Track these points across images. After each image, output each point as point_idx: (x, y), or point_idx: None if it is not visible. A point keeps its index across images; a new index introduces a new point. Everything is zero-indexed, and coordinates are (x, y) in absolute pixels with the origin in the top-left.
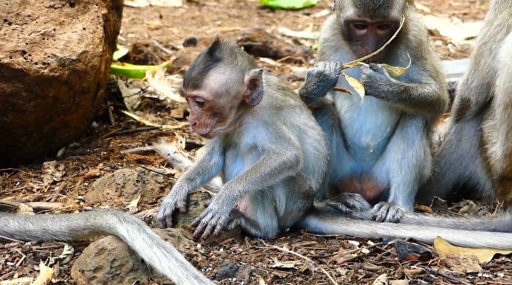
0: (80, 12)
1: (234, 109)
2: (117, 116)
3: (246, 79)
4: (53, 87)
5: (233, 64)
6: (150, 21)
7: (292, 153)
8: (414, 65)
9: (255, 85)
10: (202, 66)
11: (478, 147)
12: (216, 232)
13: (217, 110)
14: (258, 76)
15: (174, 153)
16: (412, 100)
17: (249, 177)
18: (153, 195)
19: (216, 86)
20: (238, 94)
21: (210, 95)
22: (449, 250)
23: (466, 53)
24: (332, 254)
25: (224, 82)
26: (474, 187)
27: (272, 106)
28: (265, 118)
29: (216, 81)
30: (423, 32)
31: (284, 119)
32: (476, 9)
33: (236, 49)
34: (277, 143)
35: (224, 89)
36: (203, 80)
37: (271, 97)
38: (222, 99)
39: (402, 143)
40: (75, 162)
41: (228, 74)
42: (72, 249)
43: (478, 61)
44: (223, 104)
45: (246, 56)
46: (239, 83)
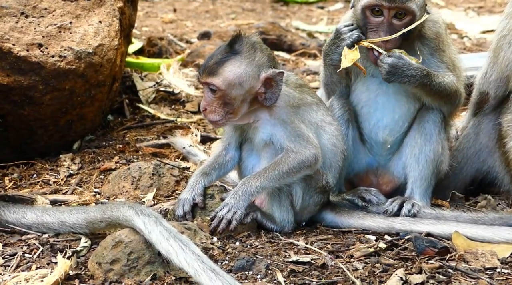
0: (96, 5)
1: (246, 103)
2: (132, 109)
3: (262, 76)
4: (69, 80)
5: (250, 59)
6: (164, 15)
7: (311, 152)
8: (432, 57)
9: (271, 85)
10: (220, 56)
11: (496, 141)
12: (232, 227)
13: (228, 101)
14: (276, 77)
15: (189, 147)
16: (433, 87)
17: (267, 174)
18: (169, 188)
19: (230, 77)
20: (252, 89)
21: (223, 84)
22: (467, 245)
23: (481, 47)
24: (348, 248)
25: (239, 75)
26: (492, 181)
27: (290, 105)
28: (282, 117)
29: (231, 72)
30: (441, 25)
31: (301, 117)
32: (492, 2)
33: (258, 45)
34: (295, 142)
35: (238, 82)
36: (219, 69)
37: (289, 96)
38: (234, 90)
39: (420, 138)
40: (90, 155)
41: (243, 67)
42: (89, 242)
43: (497, 54)
44: (235, 96)
45: (267, 53)
46: (254, 79)
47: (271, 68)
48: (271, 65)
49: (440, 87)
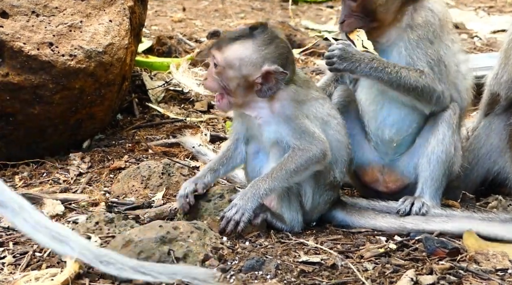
0: (106, 4)
1: (241, 88)
2: (142, 109)
3: (263, 68)
4: (79, 79)
5: (261, 49)
6: (174, 14)
7: (317, 148)
8: (417, 47)
9: (270, 80)
10: (235, 34)
11: (507, 142)
12: (240, 229)
13: (225, 79)
14: (277, 74)
15: (199, 146)
16: (391, 79)
17: (275, 174)
18: (178, 188)
19: (231, 56)
20: (249, 76)
21: (223, 61)
22: (478, 246)
23: (492, 47)
24: (358, 249)
25: (241, 57)
26: (503, 182)
27: (294, 100)
28: (286, 113)
29: (235, 52)
30: (436, 15)
31: (307, 112)
32: (502, 2)
33: (277, 41)
34: (301, 139)
35: (238, 63)
36: (227, 45)
37: (294, 92)
38: (231, 70)
39: (432, 139)
40: (100, 154)
41: (249, 53)
42: (99, 241)
43: (509, 55)
44: (231, 76)
45: (281, 51)
46: (255, 67)
47: (278, 65)
48: (279, 63)
49: (402, 81)
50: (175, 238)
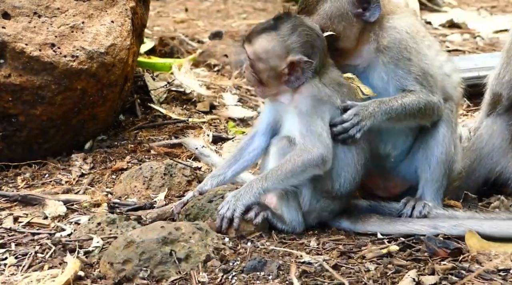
0: (108, 5)
1: (272, 79)
2: (144, 109)
3: (288, 59)
4: (81, 80)
5: (284, 39)
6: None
7: (318, 152)
8: (396, 68)
9: (296, 70)
10: (261, 27)
11: (509, 142)
12: (235, 225)
13: (256, 71)
14: (302, 64)
15: (202, 147)
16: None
17: (270, 174)
18: (180, 188)
19: (258, 50)
20: (276, 67)
21: (252, 54)
22: (480, 246)
23: (494, 47)
24: (360, 249)
25: (266, 50)
26: (505, 182)
27: (314, 97)
28: (301, 107)
29: (261, 45)
30: (401, 31)
31: (322, 113)
32: (505, 1)
33: (300, 29)
34: (306, 137)
35: (264, 56)
36: (254, 39)
37: (316, 88)
38: (260, 63)
39: (432, 140)
40: (102, 155)
41: (273, 44)
42: (101, 242)
43: (511, 55)
44: (261, 68)
45: (304, 40)
46: (280, 59)
47: (303, 54)
48: (304, 52)
49: (408, 109)
50: (177, 239)
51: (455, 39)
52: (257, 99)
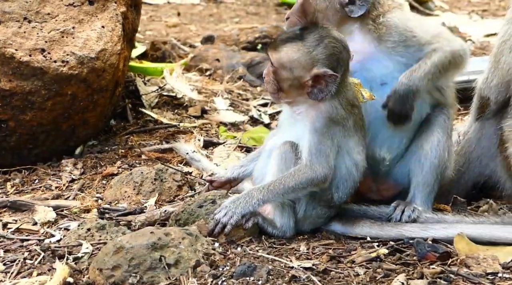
0: (99, 10)
1: (293, 88)
2: (135, 114)
3: (313, 71)
4: (71, 85)
5: (310, 50)
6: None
7: (323, 172)
8: (407, 49)
9: (320, 82)
10: (287, 36)
11: (498, 146)
12: (227, 231)
13: (279, 79)
14: (327, 77)
15: (193, 152)
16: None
17: (272, 187)
18: (171, 193)
19: (284, 59)
20: (300, 78)
21: (276, 62)
22: (469, 250)
23: (485, 50)
24: (350, 254)
25: (292, 60)
26: (494, 186)
27: (330, 117)
28: (316, 124)
29: (286, 54)
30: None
31: (333, 134)
32: (496, 5)
33: (326, 40)
34: (313, 155)
35: (289, 66)
36: (279, 47)
37: (334, 109)
38: (284, 71)
39: (426, 144)
40: (93, 160)
41: (299, 55)
42: (91, 248)
43: (498, 59)
44: (284, 77)
45: (330, 52)
46: (305, 70)
47: (328, 67)
48: (329, 65)
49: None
50: (166, 244)
51: None
52: (249, 104)
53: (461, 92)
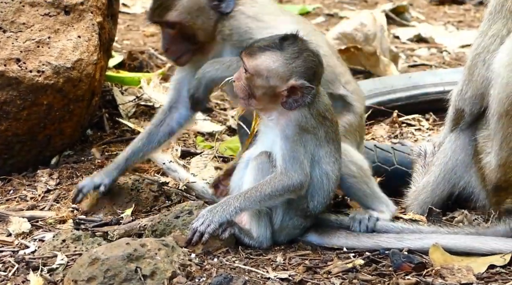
0: (75, 20)
1: (267, 96)
2: (112, 124)
3: (290, 82)
4: (47, 95)
5: (288, 62)
6: (146, 28)
7: (298, 178)
8: None
9: (296, 93)
10: (266, 43)
11: (472, 157)
12: (204, 240)
13: (252, 85)
14: (303, 89)
15: (170, 162)
16: None
17: (249, 194)
18: (148, 204)
19: (261, 67)
20: (276, 88)
21: (252, 69)
22: (444, 260)
23: (461, 61)
24: (326, 264)
25: (269, 68)
26: (468, 196)
27: (300, 126)
28: (287, 132)
29: (264, 63)
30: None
31: (305, 142)
32: (471, 17)
33: (305, 53)
34: (287, 162)
35: (266, 74)
36: (257, 54)
37: (304, 118)
38: (259, 79)
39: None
40: (69, 170)
41: (277, 65)
42: (66, 259)
43: (472, 71)
44: (258, 85)
45: (309, 65)
46: (281, 80)
47: (305, 79)
48: (306, 77)
49: None
50: (142, 256)
51: (422, 54)
52: (226, 114)
53: (437, 102)
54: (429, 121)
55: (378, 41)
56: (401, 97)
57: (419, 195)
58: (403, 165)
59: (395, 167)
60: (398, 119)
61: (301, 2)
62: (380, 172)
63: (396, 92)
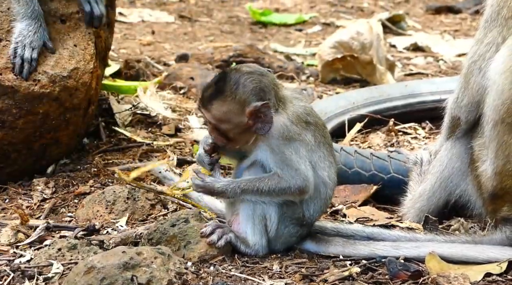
0: (71, 29)
1: (241, 133)
2: (108, 132)
3: (246, 112)
4: (43, 103)
5: (232, 97)
6: (142, 37)
7: (296, 183)
8: None
9: (259, 116)
10: (209, 93)
11: (468, 165)
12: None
13: (222, 132)
14: (261, 109)
15: (166, 171)
16: None
17: (244, 185)
18: (144, 212)
19: (217, 114)
20: (240, 123)
21: (213, 119)
22: (440, 268)
23: (457, 70)
24: (323, 273)
25: (224, 112)
26: (465, 204)
27: (283, 137)
28: (272, 146)
29: (216, 110)
30: None
31: (295, 149)
32: (467, 26)
33: (243, 79)
34: (283, 169)
35: (224, 118)
36: (208, 105)
37: (284, 128)
38: (223, 125)
39: None
40: (65, 179)
41: (227, 106)
42: (61, 268)
43: (468, 79)
44: (226, 129)
45: (251, 87)
46: (239, 114)
47: (257, 100)
48: (257, 98)
49: None
50: (138, 264)
51: (419, 62)
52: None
53: (433, 111)
54: (425, 130)
55: (374, 49)
56: (398, 106)
57: (415, 203)
58: (399, 173)
59: (391, 175)
60: (394, 127)
61: (297, 11)
62: (376, 181)
63: (392, 100)
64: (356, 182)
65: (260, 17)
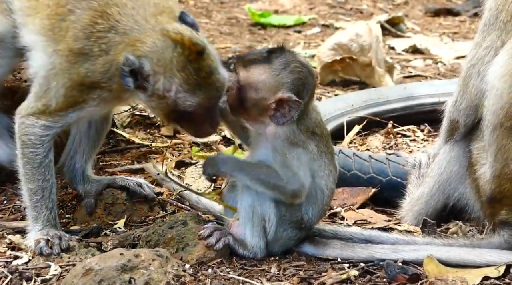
0: None
1: (257, 109)
2: (107, 134)
3: (278, 94)
4: None
5: (275, 74)
6: None
7: (292, 186)
8: None
9: (283, 107)
10: (255, 56)
11: (467, 168)
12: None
13: (243, 96)
14: (291, 102)
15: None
16: None
17: (242, 163)
18: (142, 214)
19: (250, 79)
20: (264, 100)
21: (243, 80)
22: (438, 272)
23: (456, 73)
24: (321, 275)
25: (258, 81)
26: (463, 208)
27: (289, 140)
28: (276, 147)
29: (253, 75)
30: None
31: (297, 155)
32: (466, 28)
33: (293, 65)
34: (282, 170)
35: (255, 86)
36: (247, 66)
37: (292, 133)
38: (249, 91)
39: None
40: (63, 180)
41: (264, 77)
42: (59, 269)
43: (467, 83)
44: (249, 96)
45: (296, 77)
46: (270, 92)
47: (293, 93)
48: (294, 90)
49: None
50: (136, 266)
51: (418, 65)
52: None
53: (432, 113)
54: (424, 132)
55: (373, 52)
56: (396, 108)
57: (413, 206)
58: (398, 176)
59: (389, 178)
60: (393, 130)
61: (296, 13)
62: (375, 183)
63: (391, 103)
64: (355, 185)
65: (259, 18)
